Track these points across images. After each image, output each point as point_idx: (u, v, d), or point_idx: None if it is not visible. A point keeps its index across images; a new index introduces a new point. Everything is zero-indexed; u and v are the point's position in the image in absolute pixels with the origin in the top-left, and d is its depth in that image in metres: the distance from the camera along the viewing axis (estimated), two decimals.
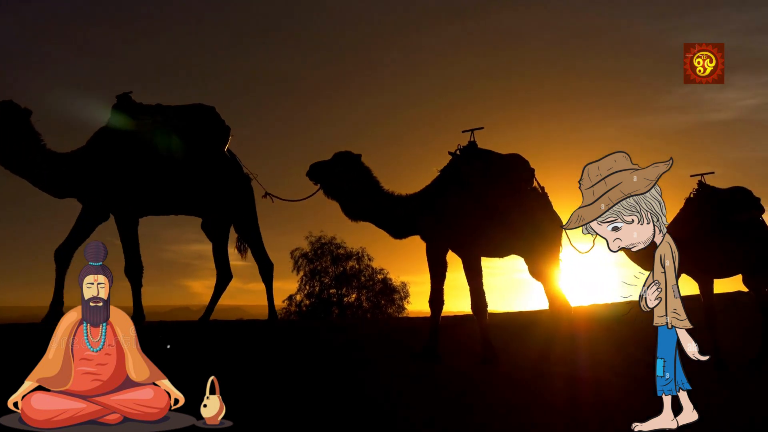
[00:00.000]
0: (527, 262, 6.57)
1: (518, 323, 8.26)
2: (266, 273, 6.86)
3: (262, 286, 6.85)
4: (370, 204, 6.19)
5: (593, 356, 6.93)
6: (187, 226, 6.67)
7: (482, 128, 6.47)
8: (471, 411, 4.83)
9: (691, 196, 7.09)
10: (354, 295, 22.41)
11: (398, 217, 6.27)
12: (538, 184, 6.53)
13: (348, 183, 6.09)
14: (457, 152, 6.41)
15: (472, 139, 6.46)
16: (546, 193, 6.57)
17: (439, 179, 6.40)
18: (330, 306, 21.97)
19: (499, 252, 6.55)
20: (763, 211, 7.15)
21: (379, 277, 22.30)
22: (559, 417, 4.80)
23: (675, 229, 5.96)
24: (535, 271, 6.52)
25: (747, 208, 7.04)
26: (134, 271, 6.23)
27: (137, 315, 6.14)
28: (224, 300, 6.88)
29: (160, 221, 6.62)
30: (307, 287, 22.53)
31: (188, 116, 6.33)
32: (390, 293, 21.17)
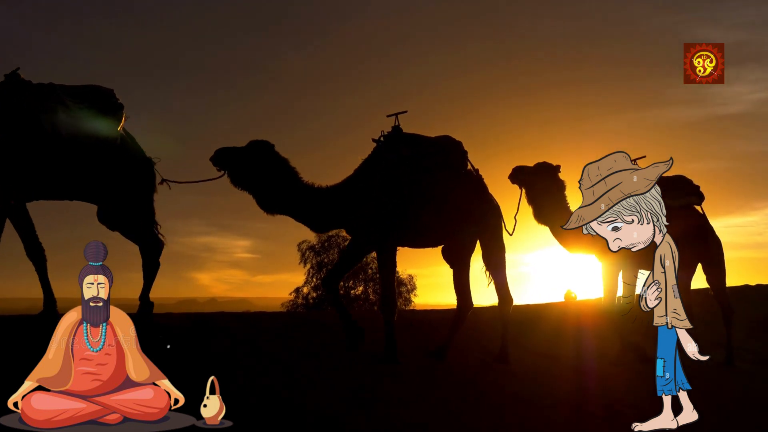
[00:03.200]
0: (465, 248, 6.27)
1: (523, 317, 8.23)
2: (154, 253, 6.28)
3: (269, 278, 6.63)
4: (287, 196, 5.82)
5: (600, 350, 6.92)
6: (193, 218, 6.48)
7: (406, 112, 6.14)
8: (477, 404, 4.84)
9: None
10: (361, 288, 22.45)
11: (317, 209, 5.91)
12: (472, 166, 6.25)
13: (264, 173, 5.72)
14: (381, 138, 6.10)
15: (396, 124, 6.13)
16: (481, 176, 6.28)
17: (361, 168, 6.08)
18: None
19: (433, 241, 6.26)
20: (702, 198, 6.97)
21: None
22: (566, 411, 4.80)
23: None
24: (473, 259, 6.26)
25: (685, 193, 6.85)
26: None
27: None
28: (231, 292, 6.75)
29: (167, 213, 6.49)
30: (314, 280, 22.61)
31: (79, 96, 5.92)
32: (397, 286, 21.17)
